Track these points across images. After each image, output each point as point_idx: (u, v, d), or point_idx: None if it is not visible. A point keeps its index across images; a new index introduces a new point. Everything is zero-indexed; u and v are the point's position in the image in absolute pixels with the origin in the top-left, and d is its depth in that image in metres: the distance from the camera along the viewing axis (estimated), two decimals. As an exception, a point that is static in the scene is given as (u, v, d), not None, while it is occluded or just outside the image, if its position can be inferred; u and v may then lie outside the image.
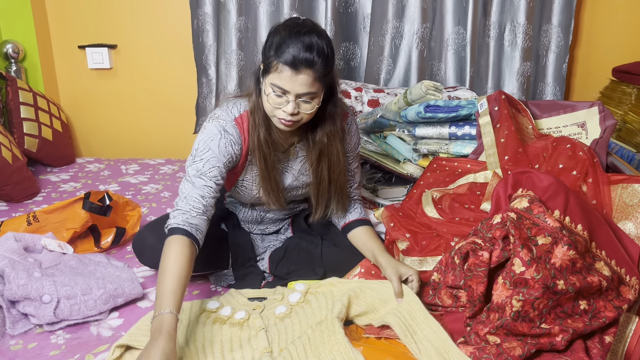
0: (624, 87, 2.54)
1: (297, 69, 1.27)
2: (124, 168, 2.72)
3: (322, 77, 1.31)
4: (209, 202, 1.36)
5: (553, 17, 2.66)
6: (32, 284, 1.35)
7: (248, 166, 1.49)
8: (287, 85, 1.29)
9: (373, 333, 1.25)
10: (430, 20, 2.67)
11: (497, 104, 1.76)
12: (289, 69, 1.27)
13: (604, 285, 1.18)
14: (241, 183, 1.52)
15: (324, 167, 1.50)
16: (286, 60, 1.27)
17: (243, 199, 1.59)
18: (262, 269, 1.60)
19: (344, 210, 1.59)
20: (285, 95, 1.31)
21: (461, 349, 1.14)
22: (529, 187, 1.31)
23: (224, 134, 1.41)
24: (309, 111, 1.35)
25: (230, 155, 1.41)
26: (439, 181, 1.78)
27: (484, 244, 1.23)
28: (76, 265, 1.56)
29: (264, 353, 1.18)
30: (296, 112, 1.33)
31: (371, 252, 1.47)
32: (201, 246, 1.32)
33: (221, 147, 1.40)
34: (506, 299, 1.14)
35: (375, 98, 2.42)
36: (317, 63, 1.27)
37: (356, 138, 1.60)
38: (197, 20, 2.72)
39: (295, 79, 1.28)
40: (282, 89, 1.30)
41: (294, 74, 1.28)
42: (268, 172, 1.46)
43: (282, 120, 1.35)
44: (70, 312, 1.35)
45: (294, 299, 1.38)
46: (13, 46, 2.68)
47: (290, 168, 1.54)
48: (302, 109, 1.34)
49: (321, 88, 1.34)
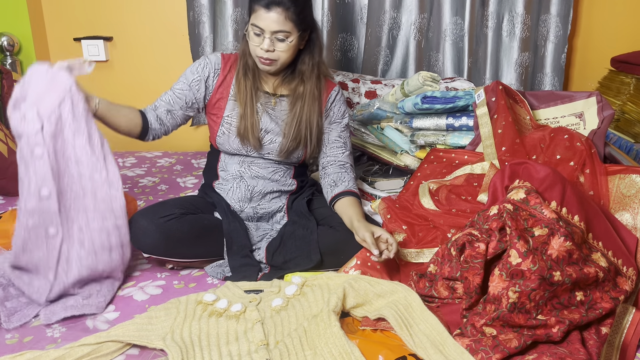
0: (623, 77, 2.53)
1: (269, 7, 1.51)
2: (120, 161, 2.71)
3: (294, 17, 1.53)
4: (161, 104, 1.69)
5: (551, 6, 2.64)
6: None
7: (231, 101, 1.68)
8: (261, 23, 1.52)
9: (369, 325, 1.25)
10: (427, 11, 2.65)
11: (495, 94, 1.75)
12: (262, 9, 1.52)
13: (601, 276, 1.18)
14: (226, 120, 1.68)
15: (297, 113, 1.67)
16: (260, 2, 1.52)
17: (228, 142, 1.68)
18: (259, 259, 1.60)
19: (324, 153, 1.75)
20: (263, 33, 1.54)
21: (457, 340, 1.14)
22: (526, 178, 1.30)
23: (204, 59, 1.69)
24: (283, 49, 1.56)
25: (199, 74, 1.67)
26: (436, 173, 1.77)
27: (481, 235, 1.22)
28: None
29: (260, 345, 1.18)
30: (272, 49, 1.55)
31: (349, 218, 1.56)
32: (149, 122, 1.67)
33: (195, 67, 1.68)
34: (502, 291, 1.14)
35: (372, 89, 2.41)
36: (285, 2, 1.50)
37: (343, 108, 1.76)
38: (193, 11, 2.70)
39: (267, 17, 1.51)
40: (258, 27, 1.53)
41: (265, 12, 1.51)
42: (246, 101, 1.64)
43: (261, 59, 1.58)
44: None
45: (290, 291, 1.37)
46: (8, 39, 2.66)
47: (273, 114, 1.69)
48: (277, 47, 1.56)
49: (295, 29, 1.55)
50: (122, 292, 1.49)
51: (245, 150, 1.69)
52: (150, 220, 1.51)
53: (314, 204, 1.75)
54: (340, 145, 1.74)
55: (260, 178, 1.71)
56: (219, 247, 1.61)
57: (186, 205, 1.63)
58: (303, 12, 1.55)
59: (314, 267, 1.55)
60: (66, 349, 1.17)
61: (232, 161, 1.73)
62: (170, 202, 1.65)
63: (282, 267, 1.57)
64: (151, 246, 1.52)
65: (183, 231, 1.53)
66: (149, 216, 1.53)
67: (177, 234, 1.52)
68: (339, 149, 1.74)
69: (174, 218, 1.54)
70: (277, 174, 1.73)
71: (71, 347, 1.18)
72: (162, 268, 1.63)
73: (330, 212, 1.68)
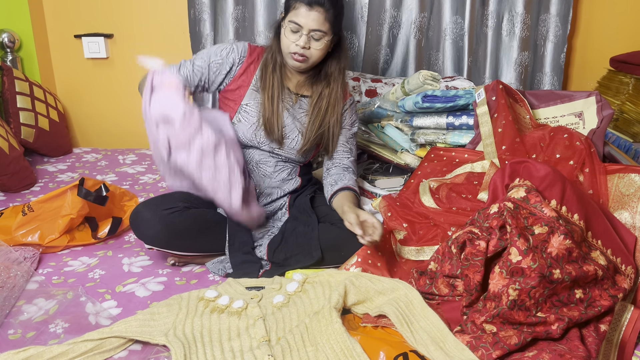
0: (622, 77, 2.54)
1: (311, 6, 1.56)
2: (121, 158, 2.72)
3: (331, 19, 1.59)
4: (182, 72, 1.69)
5: (551, 6, 2.65)
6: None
7: (252, 91, 1.70)
8: (301, 20, 1.57)
9: (370, 322, 1.25)
10: (428, 10, 2.65)
11: (495, 93, 1.76)
12: (304, 7, 1.57)
13: (600, 274, 1.19)
14: (244, 108, 1.70)
15: (319, 114, 1.71)
16: (302, 0, 1.56)
17: (242, 130, 1.69)
18: (260, 256, 1.61)
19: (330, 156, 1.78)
20: (300, 30, 1.58)
21: (458, 337, 1.14)
22: (526, 176, 1.31)
23: (230, 44, 1.71)
24: (318, 47, 1.61)
25: (222, 59, 1.69)
26: (436, 171, 1.78)
27: (481, 233, 1.23)
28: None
29: (262, 342, 1.19)
30: (307, 46, 1.60)
31: (341, 207, 1.60)
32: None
33: (219, 49, 1.70)
34: (503, 288, 1.15)
35: (372, 88, 2.42)
36: (326, 4, 1.57)
37: (354, 117, 1.82)
38: (194, 9, 2.70)
39: (308, 15, 1.57)
40: (297, 24, 1.58)
41: (307, 11, 1.57)
42: (273, 95, 1.67)
43: (294, 55, 1.61)
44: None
45: (292, 288, 1.38)
46: (9, 35, 2.66)
47: (292, 111, 1.72)
48: (312, 45, 1.61)
49: (330, 31, 1.61)
50: (124, 289, 1.50)
51: (257, 142, 1.70)
52: (154, 212, 1.53)
53: (316, 201, 1.76)
54: (346, 150, 1.78)
55: (267, 177, 1.72)
56: (220, 242, 1.62)
57: (190, 199, 1.63)
58: (339, 16, 1.64)
59: (315, 264, 1.56)
60: (69, 345, 1.18)
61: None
62: (174, 195, 1.66)
63: (283, 264, 1.58)
64: (153, 237, 1.53)
65: (185, 224, 1.54)
66: (153, 207, 1.55)
67: (179, 226, 1.53)
68: (345, 154, 1.78)
69: (177, 211, 1.55)
70: (284, 172, 1.74)
71: (74, 343, 1.18)
72: (164, 265, 1.64)
73: (331, 209, 1.69)
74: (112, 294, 1.47)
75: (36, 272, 1.58)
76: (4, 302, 1.36)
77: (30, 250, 1.63)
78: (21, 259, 1.55)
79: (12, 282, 1.44)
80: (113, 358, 1.19)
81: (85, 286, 1.50)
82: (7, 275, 1.45)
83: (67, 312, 1.37)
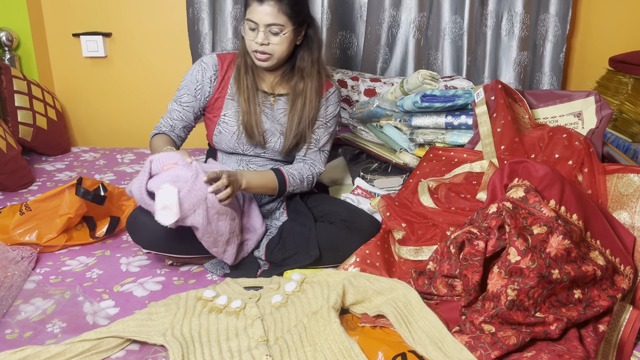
0: (621, 76, 2.54)
1: (261, 0, 1.51)
2: (119, 157, 2.71)
3: (287, 10, 1.53)
4: (176, 124, 1.70)
5: (550, 6, 2.65)
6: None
7: (229, 101, 1.67)
8: (255, 16, 1.53)
9: (368, 322, 1.25)
10: (427, 9, 2.65)
11: (494, 93, 1.76)
12: (256, 2, 1.52)
13: (599, 274, 1.19)
14: (223, 119, 1.68)
15: (298, 111, 1.67)
16: None
17: (224, 141, 1.69)
18: (258, 256, 1.60)
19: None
20: (257, 27, 1.54)
21: (456, 337, 1.14)
22: (525, 176, 1.31)
23: (200, 64, 1.67)
24: (278, 42, 1.56)
25: (201, 82, 1.67)
26: (435, 171, 1.78)
27: (480, 233, 1.23)
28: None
29: (260, 342, 1.19)
30: (266, 42, 1.55)
31: None
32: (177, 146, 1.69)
33: (193, 75, 1.67)
34: (501, 288, 1.15)
35: (371, 87, 2.41)
36: None
37: (331, 109, 1.74)
38: (193, 8, 2.69)
39: (260, 10, 1.52)
40: (252, 21, 1.54)
41: (259, 5, 1.52)
42: (248, 98, 1.64)
43: (256, 53, 1.58)
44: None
45: (290, 288, 1.38)
46: (7, 34, 2.65)
47: (270, 114, 1.69)
48: (271, 41, 1.55)
49: (289, 22, 1.54)
50: (122, 288, 1.50)
51: (241, 149, 1.69)
52: (151, 217, 1.51)
53: (314, 201, 1.75)
54: (311, 140, 1.72)
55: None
56: None
57: None
58: (297, 5, 1.55)
59: (313, 264, 1.56)
60: (67, 345, 1.17)
61: (230, 160, 1.73)
62: None
63: (281, 264, 1.57)
64: (150, 242, 1.53)
65: (183, 228, 1.53)
66: (149, 212, 1.53)
67: (176, 230, 1.52)
68: (307, 143, 1.72)
69: None
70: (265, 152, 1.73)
71: (71, 343, 1.18)
72: (162, 264, 1.63)
73: (329, 209, 1.69)
74: (109, 294, 1.47)
75: (34, 271, 1.58)
76: (1, 302, 1.36)
77: (27, 250, 1.63)
78: (19, 259, 1.55)
79: (9, 282, 1.43)
80: (110, 358, 1.19)
81: (82, 286, 1.50)
82: (5, 275, 1.44)
83: (64, 311, 1.36)
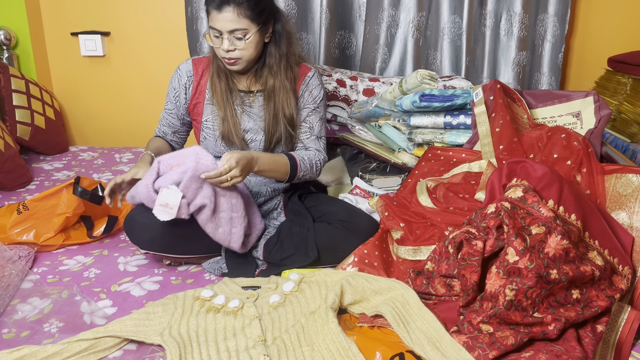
0: (619, 77, 2.54)
1: (220, 8, 1.49)
2: (117, 157, 2.71)
3: (248, 13, 1.50)
4: (166, 130, 1.76)
5: (549, 6, 2.65)
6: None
7: (208, 105, 1.67)
8: (216, 24, 1.51)
9: (366, 322, 1.25)
10: (426, 9, 2.65)
11: (493, 93, 1.76)
12: (215, 11, 1.50)
13: (597, 274, 1.18)
14: (205, 124, 1.68)
15: (272, 108, 1.65)
16: (211, 4, 1.50)
17: (210, 146, 1.68)
18: (256, 256, 1.60)
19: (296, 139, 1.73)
20: (221, 35, 1.52)
21: (454, 337, 1.14)
22: (524, 176, 1.31)
23: (176, 71, 1.69)
24: (244, 47, 1.54)
25: (177, 89, 1.69)
26: (433, 170, 1.78)
27: (478, 233, 1.23)
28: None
29: (258, 341, 1.18)
30: (232, 48, 1.53)
31: None
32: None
33: (171, 82, 1.70)
34: (499, 288, 1.15)
35: (370, 87, 2.41)
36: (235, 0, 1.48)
37: (315, 93, 1.71)
38: (191, 7, 2.69)
39: (220, 17, 1.49)
40: (214, 29, 1.52)
41: (218, 13, 1.50)
42: (224, 103, 1.63)
43: (225, 60, 1.57)
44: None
45: (288, 288, 1.37)
46: (5, 33, 2.64)
47: (250, 112, 1.68)
48: (237, 46, 1.54)
49: (252, 25, 1.52)
50: (120, 288, 1.50)
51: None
52: (147, 217, 1.50)
53: (312, 201, 1.75)
54: (305, 130, 1.71)
55: (253, 175, 1.70)
56: (216, 244, 1.60)
57: None
58: (258, 5, 1.52)
59: (311, 264, 1.55)
60: (64, 344, 1.17)
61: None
62: None
63: (279, 264, 1.57)
64: (148, 242, 1.53)
65: (180, 228, 1.53)
66: (147, 213, 1.52)
67: (174, 230, 1.52)
68: (304, 134, 1.71)
69: None
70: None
71: (69, 342, 1.18)
72: (160, 264, 1.63)
73: (328, 209, 1.69)
74: (107, 293, 1.47)
75: (31, 271, 1.57)
76: (-2, 301, 1.35)
77: (25, 249, 1.62)
78: (16, 258, 1.54)
79: (6, 281, 1.43)
80: (108, 358, 1.19)
81: (80, 285, 1.50)
82: (2, 274, 1.44)
83: (61, 311, 1.36)
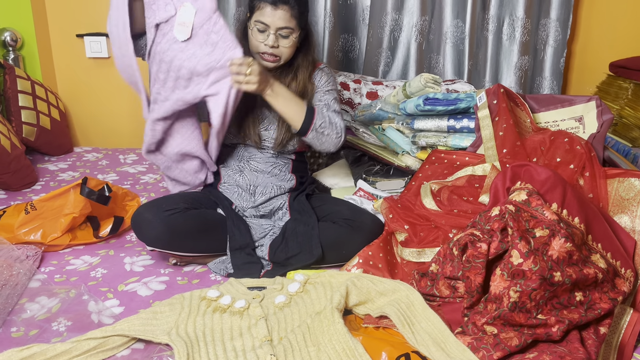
0: (621, 82, 2.55)
1: (276, 5, 1.58)
2: (122, 158, 2.72)
3: (297, 15, 1.62)
4: None
5: (552, 11, 2.66)
6: None
7: None
8: (267, 19, 1.59)
9: (372, 323, 1.26)
10: (429, 13, 2.67)
11: (496, 97, 1.77)
12: (269, 6, 1.59)
13: (600, 277, 1.20)
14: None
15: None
16: (267, 0, 1.58)
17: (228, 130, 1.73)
18: (261, 256, 1.62)
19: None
20: (267, 30, 1.60)
21: (459, 338, 1.15)
22: (527, 180, 1.32)
23: None
24: (287, 45, 1.63)
25: None
26: (437, 173, 1.79)
27: (482, 235, 1.24)
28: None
29: (264, 341, 1.20)
30: (276, 45, 1.62)
31: None
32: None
33: None
34: (504, 290, 1.16)
35: (373, 90, 2.43)
36: (291, 1, 1.59)
37: (325, 78, 1.78)
38: (196, 10, 2.70)
39: (274, 14, 1.59)
40: (264, 23, 1.60)
41: (273, 10, 1.59)
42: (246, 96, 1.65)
43: (265, 55, 1.64)
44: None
45: (293, 288, 1.39)
46: (11, 34, 2.66)
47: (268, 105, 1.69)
48: (281, 44, 1.63)
49: (297, 27, 1.63)
50: (126, 287, 1.51)
51: (242, 139, 1.75)
52: (155, 214, 1.53)
53: (317, 201, 1.77)
54: (321, 107, 1.73)
55: (260, 172, 1.73)
56: (221, 243, 1.62)
57: (190, 200, 1.65)
58: (305, 12, 1.67)
59: (316, 263, 1.57)
60: (72, 343, 1.18)
61: (232, 158, 1.77)
62: (174, 197, 1.67)
63: (284, 264, 1.58)
64: (155, 239, 1.54)
65: (186, 225, 1.55)
66: (153, 209, 1.55)
67: (180, 227, 1.54)
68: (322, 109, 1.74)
69: (178, 212, 1.56)
70: (276, 169, 1.76)
71: (77, 341, 1.19)
72: (166, 264, 1.64)
73: (332, 208, 1.70)
74: (114, 293, 1.48)
75: (38, 270, 1.59)
76: (6, 300, 1.36)
77: (32, 249, 1.63)
78: (23, 257, 1.56)
79: (14, 280, 1.44)
80: (116, 356, 1.20)
81: (87, 285, 1.51)
82: (10, 273, 1.45)
83: (69, 310, 1.37)
